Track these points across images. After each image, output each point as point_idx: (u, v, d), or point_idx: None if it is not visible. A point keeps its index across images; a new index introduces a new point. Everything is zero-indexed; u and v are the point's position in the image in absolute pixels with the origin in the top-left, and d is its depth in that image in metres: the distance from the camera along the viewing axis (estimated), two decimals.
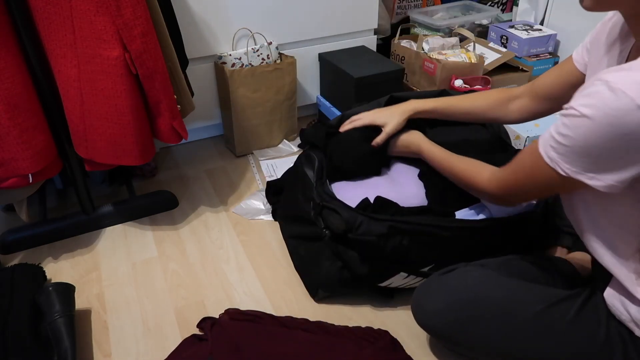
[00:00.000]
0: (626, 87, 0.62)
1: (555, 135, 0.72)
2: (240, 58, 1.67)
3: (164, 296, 1.24)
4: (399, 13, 2.27)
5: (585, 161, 0.69)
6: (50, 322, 1.06)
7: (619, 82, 0.63)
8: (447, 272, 0.98)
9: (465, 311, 0.91)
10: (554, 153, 0.73)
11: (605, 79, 0.65)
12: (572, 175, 0.71)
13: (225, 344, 1.01)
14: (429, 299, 0.97)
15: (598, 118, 0.65)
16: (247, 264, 1.34)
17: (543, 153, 0.75)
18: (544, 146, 0.75)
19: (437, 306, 0.95)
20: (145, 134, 1.25)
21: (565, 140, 0.70)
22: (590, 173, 0.70)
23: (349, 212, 1.07)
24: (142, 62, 1.16)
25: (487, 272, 0.95)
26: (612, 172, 0.68)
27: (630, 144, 0.64)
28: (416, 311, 1.00)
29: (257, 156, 1.80)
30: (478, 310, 0.91)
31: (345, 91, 1.75)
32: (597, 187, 0.70)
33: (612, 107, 0.63)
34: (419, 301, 0.99)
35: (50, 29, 1.12)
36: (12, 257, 1.38)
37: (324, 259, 1.17)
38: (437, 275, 0.99)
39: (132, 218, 1.50)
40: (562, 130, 0.71)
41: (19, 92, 1.13)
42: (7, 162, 1.17)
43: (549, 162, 0.74)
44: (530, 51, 2.01)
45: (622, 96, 0.62)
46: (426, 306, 0.97)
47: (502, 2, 2.38)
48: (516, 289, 0.91)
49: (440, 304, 0.94)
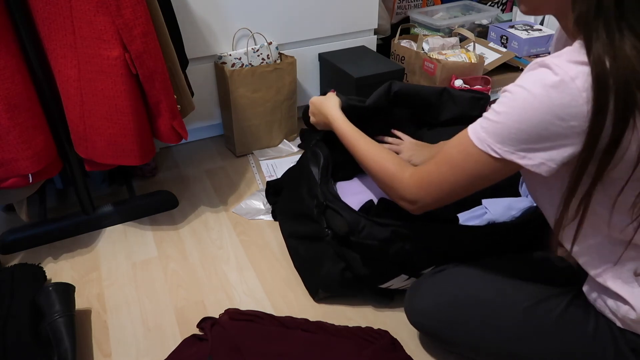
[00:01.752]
0: (558, 63, 0.66)
1: (488, 115, 0.73)
2: (240, 58, 1.67)
3: (164, 296, 1.24)
4: (399, 13, 2.27)
5: (518, 138, 0.69)
6: (50, 322, 1.06)
7: (552, 61, 0.67)
8: (437, 272, 0.98)
9: (455, 310, 0.92)
10: (485, 134, 0.72)
11: (539, 61, 0.68)
12: (504, 155, 0.71)
13: (225, 344, 1.02)
14: (419, 299, 0.98)
15: (536, 89, 0.67)
16: (247, 264, 1.34)
17: (473, 137, 0.74)
18: (474, 130, 0.74)
19: (427, 306, 0.96)
20: (145, 134, 1.25)
21: (499, 117, 0.70)
22: (522, 152, 0.70)
23: (352, 215, 1.07)
24: (142, 62, 1.16)
25: (476, 271, 0.96)
26: (543, 150, 0.69)
27: (565, 116, 0.66)
28: (408, 310, 1.01)
29: (257, 156, 1.80)
30: (467, 309, 0.91)
31: (345, 91, 1.74)
32: (528, 166, 0.70)
33: (548, 79, 0.66)
34: (410, 301, 1.01)
35: (50, 29, 1.12)
36: (12, 257, 1.38)
37: (324, 259, 1.17)
38: (428, 274, 1.00)
39: (132, 218, 1.50)
40: (496, 108, 0.71)
41: (19, 92, 1.13)
42: (7, 162, 1.17)
43: (480, 144, 0.73)
44: (530, 51, 2.01)
45: (559, 70, 0.65)
46: (417, 305, 0.98)
47: (502, 2, 2.38)
48: (505, 287, 0.92)
49: (430, 304, 0.96)
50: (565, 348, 0.85)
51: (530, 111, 0.67)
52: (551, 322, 0.86)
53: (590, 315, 0.85)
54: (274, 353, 1.00)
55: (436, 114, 1.39)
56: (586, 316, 0.85)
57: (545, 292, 0.89)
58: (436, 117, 1.39)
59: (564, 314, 0.86)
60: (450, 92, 1.39)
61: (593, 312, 0.85)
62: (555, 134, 0.67)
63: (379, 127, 1.33)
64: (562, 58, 0.67)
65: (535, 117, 0.67)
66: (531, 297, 0.89)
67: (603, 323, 0.83)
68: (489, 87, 1.75)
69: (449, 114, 1.38)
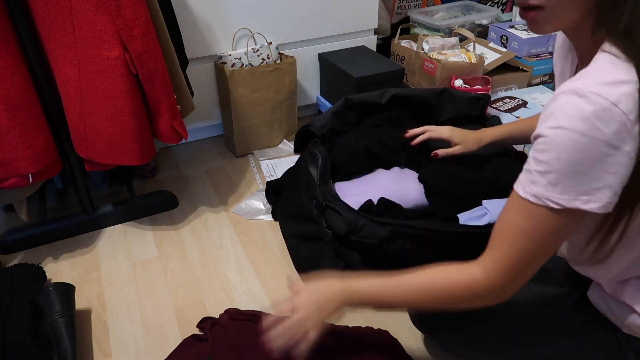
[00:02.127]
0: (593, 89, 0.59)
1: (533, 169, 0.65)
2: (240, 58, 1.67)
3: (164, 296, 1.24)
4: (399, 13, 2.27)
5: (575, 181, 0.62)
6: (50, 322, 1.06)
7: (583, 87, 0.60)
8: None
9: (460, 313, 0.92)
10: (538, 188, 0.64)
11: (568, 89, 0.61)
12: (567, 204, 0.63)
13: (224, 344, 1.01)
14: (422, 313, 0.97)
15: (578, 126, 0.60)
16: (247, 264, 1.34)
17: (527, 195, 0.66)
18: (524, 188, 0.67)
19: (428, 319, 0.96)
20: (145, 134, 1.25)
21: (547, 166, 0.63)
22: (585, 196, 0.63)
23: (351, 214, 1.07)
24: (142, 62, 1.16)
25: None
26: (604, 188, 0.62)
27: (618, 144, 0.60)
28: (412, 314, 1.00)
29: (257, 156, 1.80)
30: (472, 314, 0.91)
31: (345, 91, 1.75)
32: (596, 209, 0.63)
33: (587, 110, 0.59)
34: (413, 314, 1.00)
35: (50, 29, 1.12)
36: (12, 257, 1.38)
37: (324, 260, 1.17)
38: None
39: (132, 218, 1.50)
40: (539, 157, 0.64)
41: (19, 92, 1.13)
42: (7, 162, 1.17)
43: (537, 201, 0.65)
44: (530, 51, 2.00)
45: (595, 97, 0.59)
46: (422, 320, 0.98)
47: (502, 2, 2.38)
48: None
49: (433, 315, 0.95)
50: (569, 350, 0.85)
51: (581, 150, 0.60)
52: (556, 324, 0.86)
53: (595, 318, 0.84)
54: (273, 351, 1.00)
55: (436, 114, 1.39)
56: (590, 319, 0.84)
57: (549, 294, 0.89)
58: (436, 117, 1.39)
59: (568, 316, 0.86)
60: (450, 92, 1.39)
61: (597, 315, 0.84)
62: (612, 164, 0.60)
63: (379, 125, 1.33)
64: (594, 80, 0.60)
65: (590, 156, 0.60)
66: (536, 299, 0.88)
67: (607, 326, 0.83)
68: (489, 87, 1.75)
69: (449, 114, 1.38)
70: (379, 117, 1.35)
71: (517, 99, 1.83)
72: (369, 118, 1.35)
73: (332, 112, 1.34)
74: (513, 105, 1.79)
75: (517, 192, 0.68)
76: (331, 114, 1.33)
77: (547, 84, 2.03)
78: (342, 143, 1.30)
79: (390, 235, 1.04)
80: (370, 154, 1.27)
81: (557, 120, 0.61)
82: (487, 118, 1.41)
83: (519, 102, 1.81)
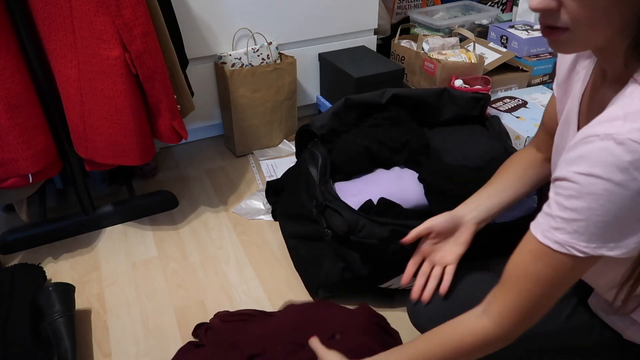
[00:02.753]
0: (633, 136, 0.55)
1: (556, 214, 0.61)
2: (240, 58, 1.67)
3: (164, 296, 1.24)
4: (399, 13, 2.27)
5: (605, 231, 0.59)
6: (50, 322, 1.06)
7: (622, 133, 0.55)
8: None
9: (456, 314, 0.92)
10: (563, 235, 0.61)
11: (603, 133, 0.56)
12: (591, 252, 0.60)
13: (222, 345, 1.02)
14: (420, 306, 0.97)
15: (612, 175, 0.55)
16: (247, 264, 1.34)
17: (548, 242, 0.62)
18: (544, 233, 0.63)
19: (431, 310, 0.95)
20: (145, 134, 1.25)
21: (575, 214, 0.59)
22: (611, 243, 0.60)
23: (351, 214, 1.07)
24: (142, 62, 1.16)
25: (481, 275, 0.95)
26: (632, 235, 0.59)
27: None
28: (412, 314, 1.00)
29: (257, 156, 1.80)
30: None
31: (345, 91, 1.75)
32: (620, 255, 0.60)
33: (625, 160, 0.55)
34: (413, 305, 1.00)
35: (50, 29, 1.12)
36: (12, 257, 1.38)
37: (325, 260, 1.17)
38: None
39: (132, 218, 1.50)
40: (565, 203, 0.60)
41: (19, 92, 1.13)
42: (7, 162, 1.17)
43: (560, 248, 0.61)
44: (530, 51, 2.00)
45: (635, 146, 0.54)
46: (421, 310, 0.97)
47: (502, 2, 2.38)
48: None
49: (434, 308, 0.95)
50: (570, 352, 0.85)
51: (618, 203, 0.57)
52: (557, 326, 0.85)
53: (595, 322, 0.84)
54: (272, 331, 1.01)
55: (436, 114, 1.39)
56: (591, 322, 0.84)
57: None
58: (436, 117, 1.39)
59: (569, 318, 0.85)
60: (450, 92, 1.39)
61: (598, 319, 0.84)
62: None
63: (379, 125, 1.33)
64: (634, 127, 0.55)
65: (625, 207, 0.57)
66: None
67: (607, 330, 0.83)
68: (489, 87, 1.75)
69: (449, 114, 1.38)
70: (379, 117, 1.35)
71: (517, 99, 1.83)
72: (369, 118, 1.35)
73: (332, 112, 1.34)
74: (513, 105, 1.79)
75: (536, 236, 0.64)
76: (331, 113, 1.33)
77: (547, 84, 2.03)
78: (342, 143, 1.30)
79: (390, 235, 1.04)
80: (370, 154, 1.27)
81: (591, 167, 0.57)
82: (487, 118, 1.41)
83: (519, 102, 1.81)
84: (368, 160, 1.27)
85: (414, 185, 1.21)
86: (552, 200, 0.62)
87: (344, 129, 1.34)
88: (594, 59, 0.73)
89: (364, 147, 1.26)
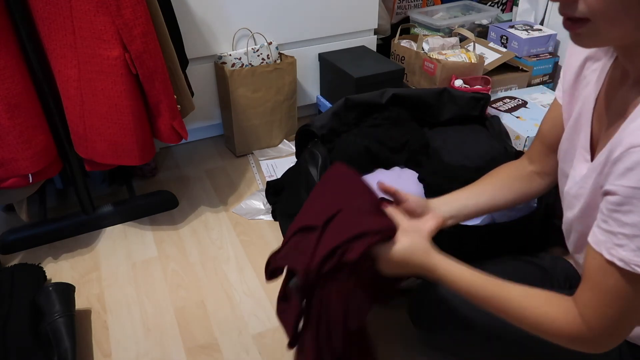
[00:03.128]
0: None
1: (617, 231, 0.60)
2: (240, 58, 1.67)
3: (164, 296, 1.24)
4: (399, 13, 2.27)
5: None
6: (50, 322, 1.06)
7: None
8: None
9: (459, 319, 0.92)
10: (627, 252, 0.60)
11: None
12: None
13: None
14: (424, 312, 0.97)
15: None
16: (247, 264, 1.34)
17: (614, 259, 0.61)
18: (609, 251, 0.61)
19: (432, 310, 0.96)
20: (145, 134, 1.25)
21: (635, 229, 0.58)
22: None
23: None
24: (142, 62, 1.16)
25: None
26: None
27: None
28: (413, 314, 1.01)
29: (257, 156, 1.80)
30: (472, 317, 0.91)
31: (345, 91, 1.75)
32: None
33: None
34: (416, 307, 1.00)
35: (50, 29, 1.12)
36: (12, 257, 1.38)
37: None
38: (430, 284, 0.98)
39: (132, 218, 1.50)
40: (623, 219, 0.59)
41: (19, 92, 1.13)
42: (7, 162, 1.17)
43: (625, 266, 0.60)
44: (530, 51, 2.00)
45: None
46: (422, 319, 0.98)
47: (502, 2, 2.38)
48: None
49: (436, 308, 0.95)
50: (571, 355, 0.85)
51: None
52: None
53: None
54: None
55: (436, 114, 1.39)
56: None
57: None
58: (436, 117, 1.39)
59: None
60: (450, 92, 1.39)
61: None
62: None
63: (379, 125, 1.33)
64: None
65: None
66: None
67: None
68: (489, 87, 1.75)
69: (449, 114, 1.38)
70: (378, 117, 1.35)
71: (517, 99, 1.83)
72: (369, 118, 1.35)
73: (332, 112, 1.34)
74: (513, 105, 1.80)
75: (602, 254, 0.62)
76: (331, 113, 1.33)
77: (547, 84, 2.03)
78: (342, 143, 1.30)
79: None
80: (370, 154, 1.26)
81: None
82: (487, 118, 1.41)
83: (519, 102, 1.81)
84: (368, 160, 1.27)
85: (414, 185, 1.21)
86: (608, 217, 0.60)
87: (344, 129, 1.34)
88: (608, 61, 0.72)
89: (364, 147, 1.26)
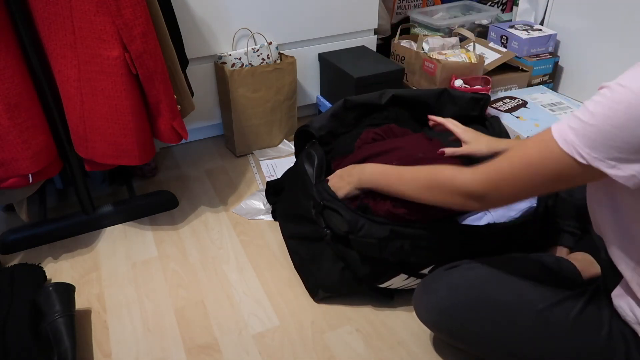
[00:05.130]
0: None
1: (579, 115, 0.63)
2: (240, 58, 1.67)
3: (164, 296, 1.24)
4: (399, 13, 2.27)
5: (612, 145, 0.60)
6: (50, 322, 1.06)
7: None
8: (451, 268, 0.97)
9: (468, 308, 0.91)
10: (573, 136, 0.64)
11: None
12: (591, 162, 0.63)
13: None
14: (432, 296, 0.97)
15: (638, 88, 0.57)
16: (247, 264, 1.34)
17: (558, 138, 0.66)
18: (560, 130, 0.66)
19: (439, 303, 0.95)
20: (145, 134, 1.25)
21: (594, 118, 0.61)
22: (613, 161, 0.62)
23: (350, 214, 1.07)
24: (142, 62, 1.16)
25: (490, 270, 0.95)
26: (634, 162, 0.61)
27: None
28: (418, 307, 1.00)
29: (257, 156, 1.80)
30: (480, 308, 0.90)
31: (345, 91, 1.75)
32: (616, 177, 0.62)
33: None
34: (421, 297, 0.99)
35: (50, 29, 1.12)
36: (12, 257, 1.38)
37: (324, 260, 1.17)
38: (441, 270, 0.98)
39: (132, 218, 1.50)
40: (591, 107, 0.62)
41: (19, 92, 1.13)
42: (7, 162, 1.17)
43: (565, 146, 0.65)
44: (530, 51, 2.00)
45: None
46: (428, 303, 0.97)
47: (502, 2, 2.38)
48: (519, 287, 0.91)
49: (443, 301, 0.94)
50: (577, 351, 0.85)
51: (634, 117, 0.58)
52: (565, 325, 0.85)
53: (604, 319, 0.84)
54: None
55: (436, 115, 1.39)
56: (600, 320, 0.84)
57: (558, 295, 0.88)
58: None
59: (578, 317, 0.85)
60: (450, 93, 1.39)
61: (607, 317, 0.84)
62: None
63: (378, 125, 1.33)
64: None
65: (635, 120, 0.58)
66: (545, 299, 0.88)
67: (617, 328, 0.82)
68: (489, 87, 1.75)
69: (448, 115, 1.38)
70: (378, 117, 1.35)
71: (517, 99, 1.83)
72: (368, 118, 1.35)
73: (331, 113, 1.34)
74: (513, 105, 1.80)
75: (552, 130, 0.67)
76: (330, 115, 1.33)
77: (547, 84, 2.03)
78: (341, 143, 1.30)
79: (389, 235, 1.04)
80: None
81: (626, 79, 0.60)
82: (487, 118, 1.41)
83: (519, 102, 1.81)
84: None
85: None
86: (585, 103, 0.64)
87: (343, 131, 1.34)
88: None
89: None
